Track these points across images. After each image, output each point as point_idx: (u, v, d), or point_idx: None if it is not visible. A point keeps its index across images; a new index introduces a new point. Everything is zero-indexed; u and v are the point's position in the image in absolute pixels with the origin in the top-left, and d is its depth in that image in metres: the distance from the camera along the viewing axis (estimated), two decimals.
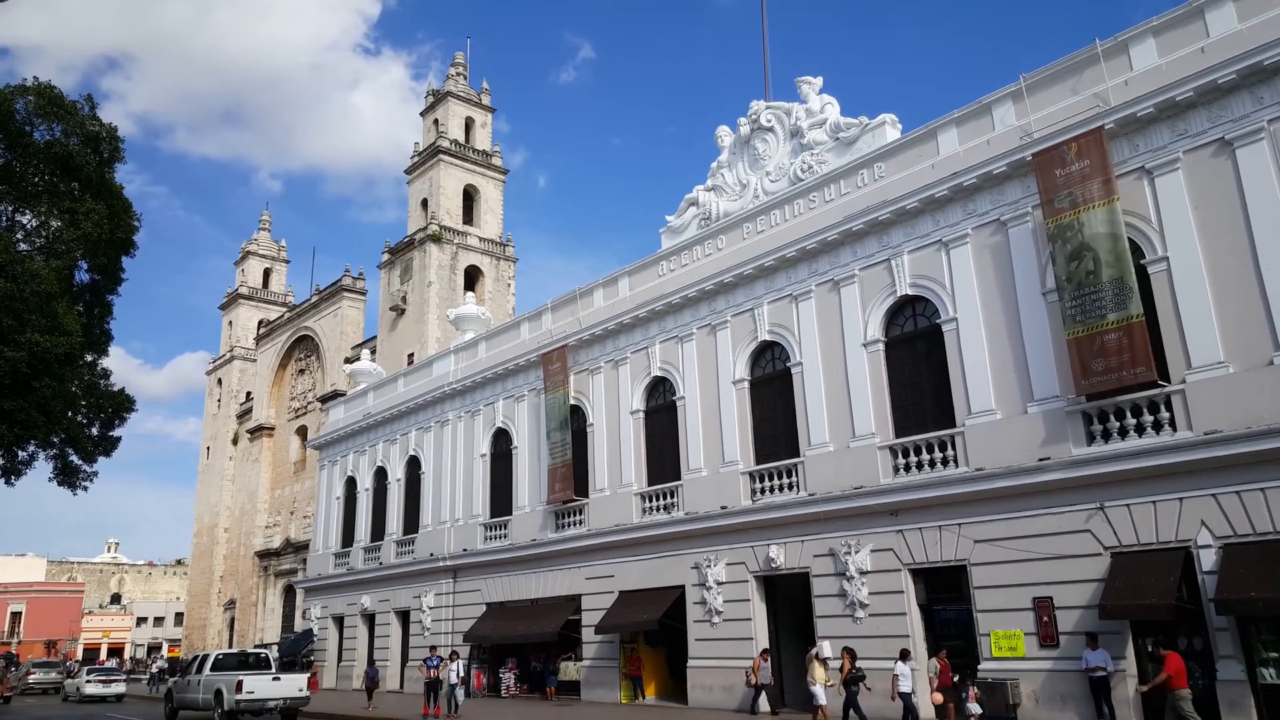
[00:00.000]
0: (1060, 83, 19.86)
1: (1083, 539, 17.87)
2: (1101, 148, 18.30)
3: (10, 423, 21.21)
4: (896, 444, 21.43)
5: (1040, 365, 19.10)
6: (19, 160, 21.78)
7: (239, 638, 70.10)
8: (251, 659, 27.39)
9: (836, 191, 24.02)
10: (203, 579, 79.32)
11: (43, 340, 19.79)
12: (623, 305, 29.27)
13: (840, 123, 24.88)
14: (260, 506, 71.57)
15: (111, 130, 22.56)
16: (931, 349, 21.50)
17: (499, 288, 60.94)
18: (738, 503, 24.44)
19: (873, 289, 22.66)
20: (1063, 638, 17.80)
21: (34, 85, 21.57)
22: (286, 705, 24.93)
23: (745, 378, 25.40)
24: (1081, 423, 18.29)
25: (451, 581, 34.69)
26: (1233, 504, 16.08)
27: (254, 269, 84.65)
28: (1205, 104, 17.45)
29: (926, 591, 20.83)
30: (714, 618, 24.49)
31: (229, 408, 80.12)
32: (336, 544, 42.42)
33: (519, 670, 31.87)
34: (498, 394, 34.29)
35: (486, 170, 62.82)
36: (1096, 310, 17.86)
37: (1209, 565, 16.16)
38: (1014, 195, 20.15)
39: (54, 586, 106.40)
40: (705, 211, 27.98)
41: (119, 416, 24.93)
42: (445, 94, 62.36)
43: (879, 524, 21.30)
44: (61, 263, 21.76)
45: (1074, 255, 18.35)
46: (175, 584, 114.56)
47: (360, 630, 39.20)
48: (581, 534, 29.16)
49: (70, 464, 24.18)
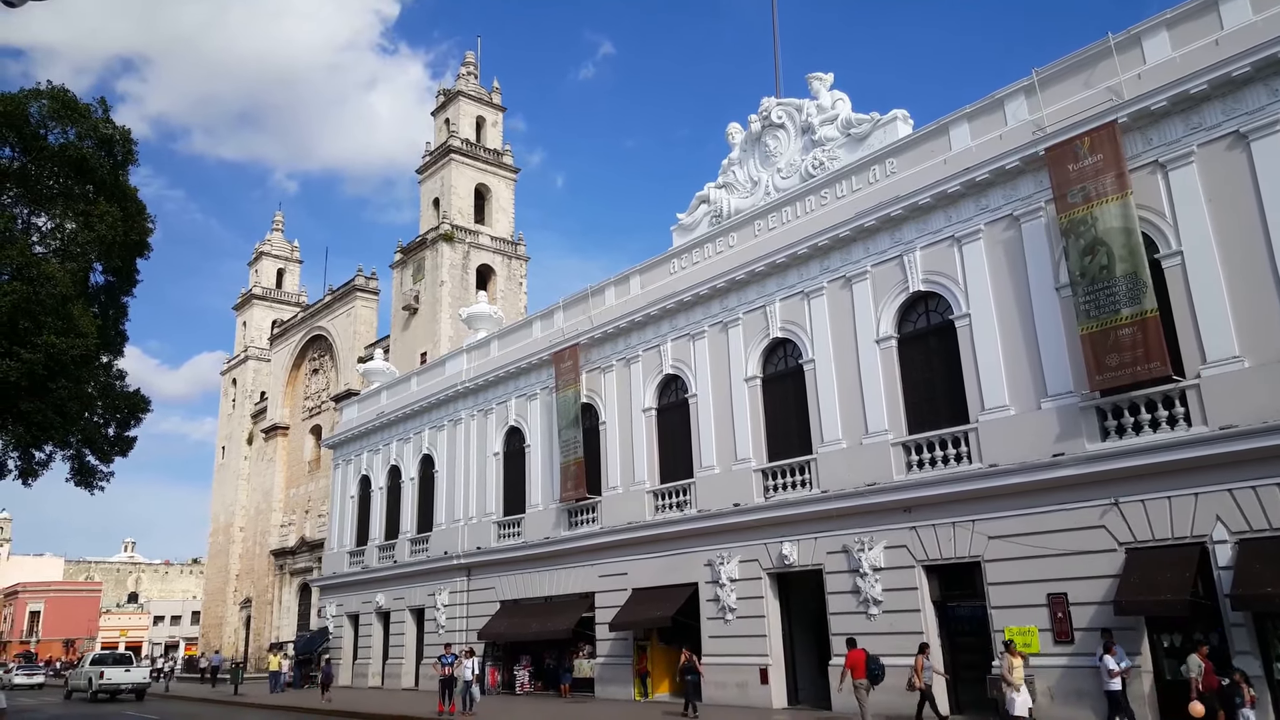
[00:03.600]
0: (1073, 77, 19.74)
1: (1097, 535, 17.79)
2: (1115, 142, 18.19)
3: (27, 424, 21.40)
4: (910, 440, 21.37)
5: (1054, 361, 19.01)
6: (34, 163, 21.96)
7: (255, 636, 70.50)
8: (115, 658, 41.71)
9: (848, 187, 23.96)
10: (219, 578, 79.81)
11: (59, 342, 19.94)
12: (634, 303, 29.28)
13: (852, 119, 24.81)
14: (275, 505, 71.91)
15: (125, 133, 22.70)
16: (944, 345, 21.43)
17: (511, 286, 61.03)
18: (750, 500, 24.43)
19: (885, 285, 22.60)
20: (1078, 634, 17.73)
21: (48, 89, 21.73)
22: (134, 688, 38.15)
23: (757, 375, 25.38)
24: (1095, 418, 18.20)
25: (466, 579, 34.81)
26: (1248, 499, 15.98)
27: (267, 269, 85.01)
28: (1219, 96, 17.32)
29: (940, 588, 20.78)
30: (727, 615, 24.50)
31: (244, 407, 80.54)
32: (351, 542, 42.62)
33: (533, 667, 31.97)
34: (510, 392, 34.38)
35: (498, 169, 62.90)
36: (1110, 305, 17.77)
37: (1225, 561, 16.07)
38: (1027, 190, 20.06)
39: (72, 586, 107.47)
40: (716, 209, 27.96)
41: (134, 417, 25.10)
42: (456, 93, 62.47)
43: (892, 521, 21.26)
44: (77, 265, 21.94)
45: (1087, 250, 18.25)
46: (192, 583, 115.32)
47: (375, 628, 39.38)
48: (594, 532, 29.21)
49: (87, 464, 24.36)
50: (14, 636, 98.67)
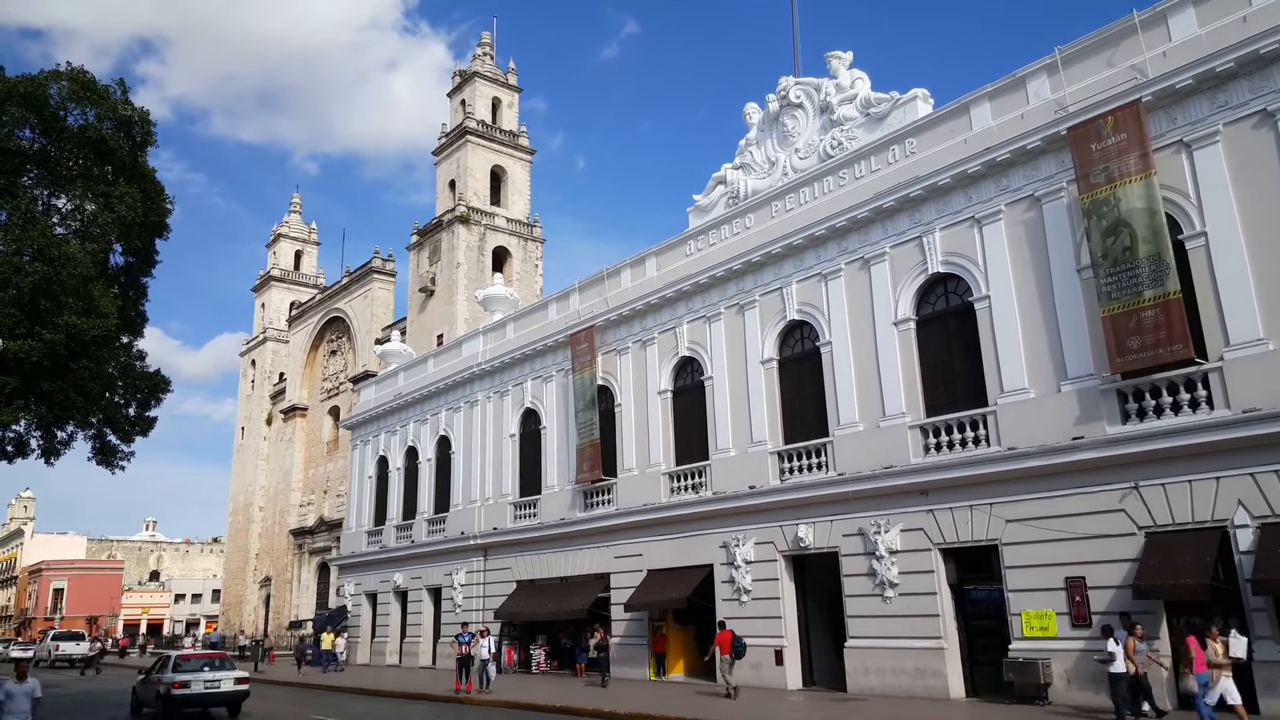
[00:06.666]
0: (1096, 55, 19.44)
1: (1116, 518, 17.67)
2: (1139, 121, 17.93)
3: (49, 404, 21.56)
4: (927, 423, 21.26)
5: (1074, 343, 18.84)
6: (54, 145, 22.03)
7: (274, 614, 71.30)
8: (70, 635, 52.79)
9: (867, 168, 23.75)
10: (239, 556, 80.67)
11: (80, 323, 20.06)
12: (650, 285, 29.21)
13: (871, 98, 24.55)
14: (294, 485, 72.51)
15: (144, 114, 22.73)
16: (963, 327, 21.27)
17: (527, 268, 61.03)
18: (766, 482, 24.40)
19: (904, 267, 22.43)
20: (1095, 618, 17.63)
21: (67, 70, 21.76)
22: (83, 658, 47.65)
23: (774, 357, 25.29)
24: (1116, 401, 18.04)
25: (482, 559, 35.01)
26: (1271, 483, 15.81)
27: (285, 251, 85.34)
28: (1246, 75, 17.03)
29: (957, 571, 20.73)
30: (743, 596, 24.54)
31: (263, 388, 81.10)
32: (369, 522, 42.93)
33: (549, 647, 32.17)
34: (526, 374, 34.43)
35: (514, 150, 62.79)
36: (1132, 287, 17.57)
37: (1246, 545, 15.94)
38: (1048, 170, 19.82)
39: (94, 564, 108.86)
40: (733, 190, 27.79)
41: (155, 397, 25.24)
42: (472, 74, 62.30)
43: (909, 504, 21.19)
44: (97, 246, 22.01)
45: (1110, 231, 18.03)
46: (212, 561, 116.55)
47: (393, 607, 39.71)
48: (610, 513, 29.28)
49: (108, 444, 24.53)
50: (38, 613, 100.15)
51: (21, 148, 21.37)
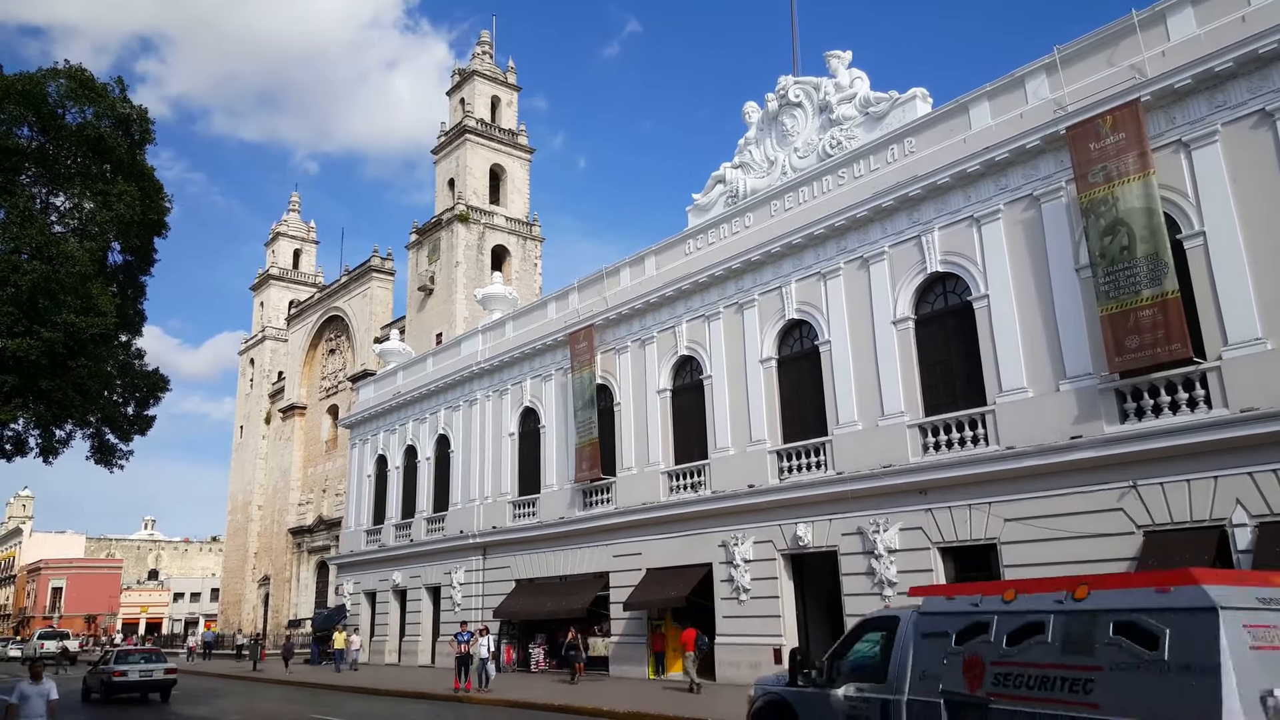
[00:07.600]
0: (1095, 54, 19.45)
1: (1115, 518, 17.69)
2: (1137, 120, 17.94)
3: (48, 402, 21.53)
4: (926, 422, 21.28)
5: (1073, 342, 18.85)
6: (52, 143, 22.00)
7: (273, 613, 71.28)
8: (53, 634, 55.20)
9: (866, 167, 23.76)
10: (237, 555, 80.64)
11: (78, 321, 20.03)
12: (649, 284, 29.21)
13: (870, 97, 24.56)
14: (293, 484, 72.48)
15: (142, 112, 22.70)
16: (962, 326, 21.29)
17: (526, 267, 61.01)
18: (765, 481, 24.41)
19: (903, 266, 22.44)
20: None
21: (66, 68, 21.73)
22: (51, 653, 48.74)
23: (773, 356, 25.30)
24: (1115, 400, 18.06)
25: (481, 558, 35.01)
26: (1269, 482, 15.82)
27: (284, 250, 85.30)
28: (1245, 74, 17.04)
29: (956, 570, 20.73)
30: (741, 595, 24.55)
31: (261, 387, 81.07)
32: (368, 521, 42.94)
33: (548, 645, 32.19)
34: (525, 373, 34.44)
35: (513, 149, 62.78)
36: (1131, 286, 17.58)
37: (1244, 544, 15.94)
38: (1047, 170, 19.84)
39: (93, 562, 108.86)
40: (732, 189, 27.79)
41: (153, 396, 25.21)
42: (471, 73, 62.27)
43: (908, 503, 21.21)
44: (95, 244, 21.97)
45: (1108, 230, 18.04)
46: (211, 560, 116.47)
47: (392, 605, 39.72)
48: (609, 512, 29.28)
49: (106, 443, 24.50)
50: (37, 612, 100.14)
51: (20, 146, 21.34)
